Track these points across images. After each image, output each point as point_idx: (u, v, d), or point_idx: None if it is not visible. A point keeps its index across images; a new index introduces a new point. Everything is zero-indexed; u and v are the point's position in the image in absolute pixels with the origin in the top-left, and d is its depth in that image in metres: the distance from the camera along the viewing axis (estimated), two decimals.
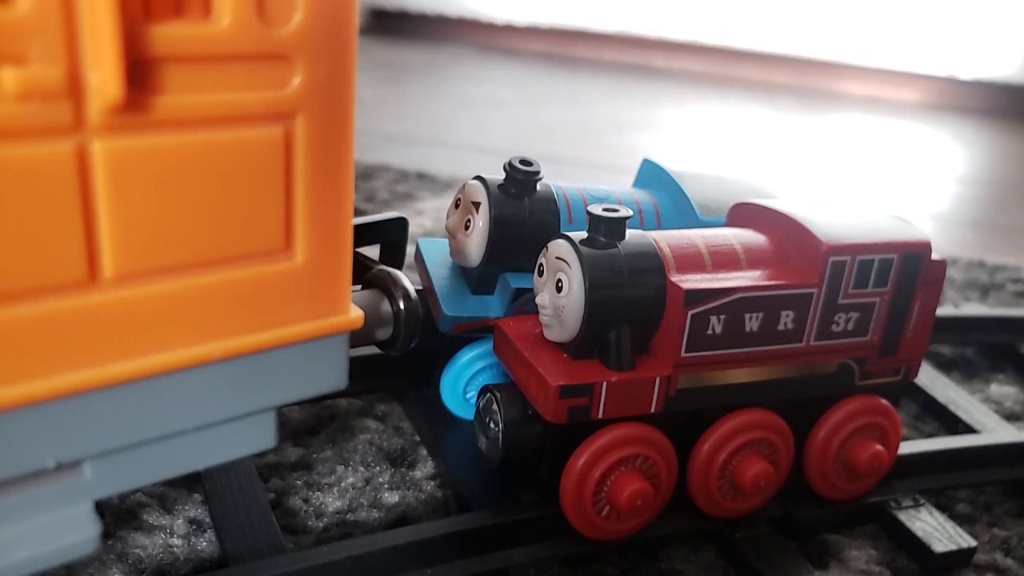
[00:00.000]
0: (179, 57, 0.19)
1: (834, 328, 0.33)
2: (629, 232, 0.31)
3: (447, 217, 0.38)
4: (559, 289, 0.31)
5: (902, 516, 0.36)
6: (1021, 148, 1.26)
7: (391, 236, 0.37)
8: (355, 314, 0.24)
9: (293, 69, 0.21)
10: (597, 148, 1.01)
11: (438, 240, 0.41)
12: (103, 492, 0.22)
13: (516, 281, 0.36)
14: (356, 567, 0.29)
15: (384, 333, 0.27)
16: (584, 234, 0.31)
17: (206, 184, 0.20)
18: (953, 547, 0.34)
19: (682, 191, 0.38)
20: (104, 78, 0.18)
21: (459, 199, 0.37)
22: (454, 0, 1.59)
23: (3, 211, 0.18)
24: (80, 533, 0.21)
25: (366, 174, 0.78)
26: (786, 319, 0.32)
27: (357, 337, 0.25)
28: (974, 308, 0.60)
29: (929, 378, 0.47)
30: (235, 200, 0.21)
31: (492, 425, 0.32)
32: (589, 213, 0.31)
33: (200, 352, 0.22)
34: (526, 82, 1.38)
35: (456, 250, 0.37)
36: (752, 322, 0.31)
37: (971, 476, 0.39)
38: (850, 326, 0.33)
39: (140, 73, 0.19)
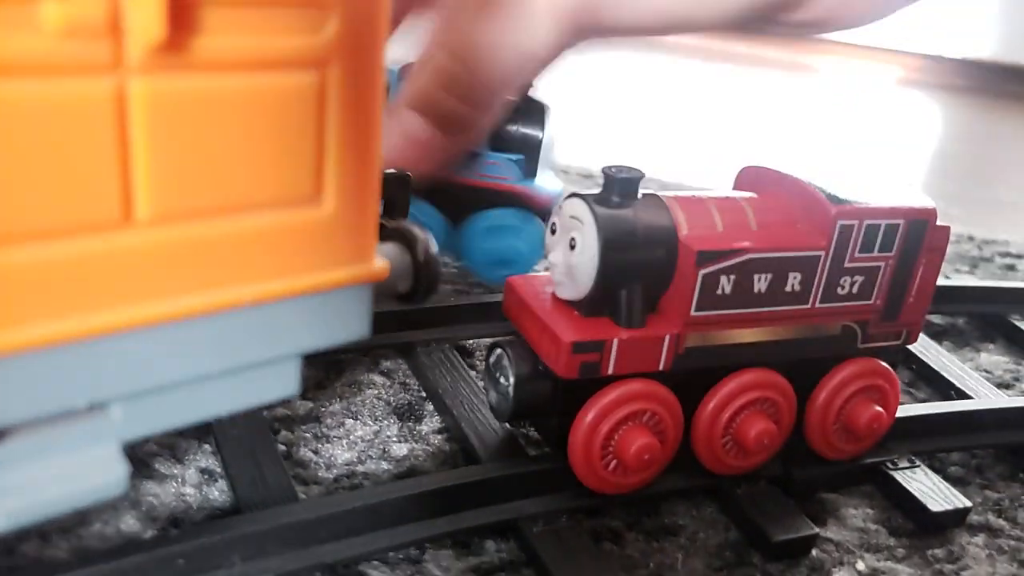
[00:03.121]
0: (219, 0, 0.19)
1: (839, 291, 0.33)
2: (642, 192, 0.32)
3: None
4: (572, 248, 0.31)
5: (898, 476, 0.37)
6: (1002, 125, 1.27)
7: (394, 191, 0.37)
8: (380, 264, 0.24)
9: (328, 16, 0.21)
10: (591, 115, 1.01)
11: None
12: (131, 434, 0.22)
13: None
14: (369, 516, 0.30)
15: (404, 285, 0.27)
16: (597, 192, 0.31)
17: (240, 128, 0.20)
18: (948, 507, 0.35)
19: None
20: (146, 17, 0.18)
21: None
22: None
23: (40, 149, 0.18)
24: (108, 474, 0.22)
25: None
26: (794, 281, 0.32)
27: (380, 288, 0.26)
28: (965, 279, 0.61)
29: (923, 345, 0.48)
30: (268, 146, 0.21)
31: (502, 380, 0.33)
32: (603, 172, 0.31)
33: (229, 296, 0.22)
34: None
35: None
36: (761, 283, 0.32)
37: (964, 440, 0.40)
38: (855, 289, 0.34)
39: (180, 14, 0.18)
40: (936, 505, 0.35)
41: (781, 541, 0.33)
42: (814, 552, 0.33)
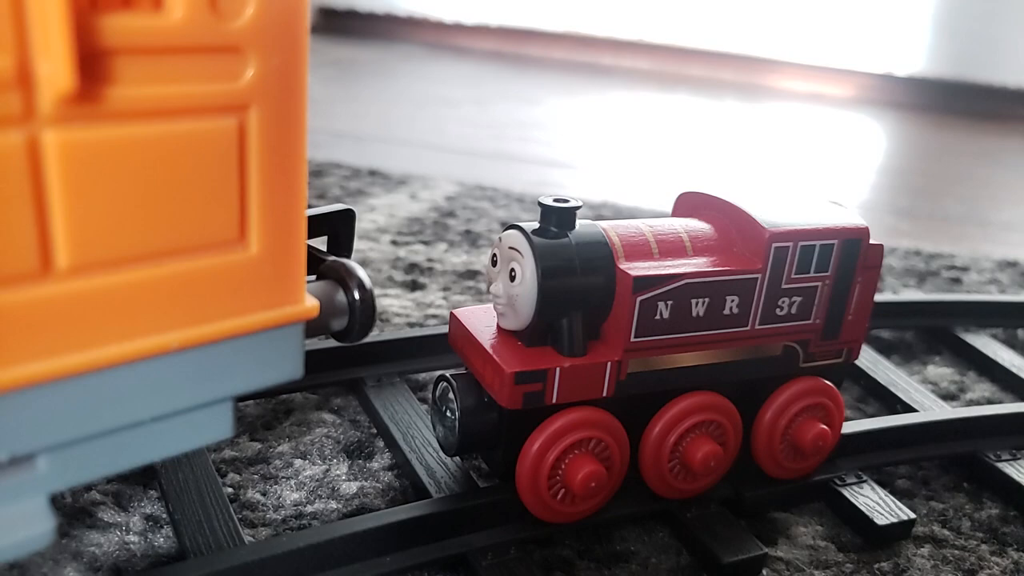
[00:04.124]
0: (131, 49, 0.19)
1: (778, 312, 0.34)
2: (579, 222, 0.32)
3: None
4: (512, 279, 0.31)
5: (846, 492, 0.37)
6: (948, 141, 1.30)
7: (338, 228, 0.37)
8: (310, 304, 0.24)
9: (246, 61, 0.21)
10: (545, 144, 1.02)
11: None
12: (58, 485, 0.22)
13: None
14: (314, 556, 0.29)
15: (339, 323, 0.27)
16: (536, 224, 0.32)
17: (160, 175, 0.20)
18: (894, 519, 0.35)
19: None
20: (55, 69, 0.18)
21: None
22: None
23: None
24: (34, 527, 0.21)
25: (318, 171, 0.78)
26: (731, 304, 0.33)
27: (313, 327, 0.26)
28: (912, 294, 0.63)
29: (871, 361, 0.49)
30: (189, 191, 0.21)
31: (448, 413, 0.33)
32: (540, 204, 0.32)
33: (156, 342, 0.22)
34: (476, 80, 1.39)
35: None
36: (698, 307, 0.32)
37: (910, 453, 0.41)
38: (794, 310, 0.34)
39: (91, 64, 0.19)
40: (882, 519, 0.35)
41: (730, 563, 0.33)
42: (764, 572, 0.34)
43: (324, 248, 0.32)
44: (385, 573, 0.30)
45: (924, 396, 0.45)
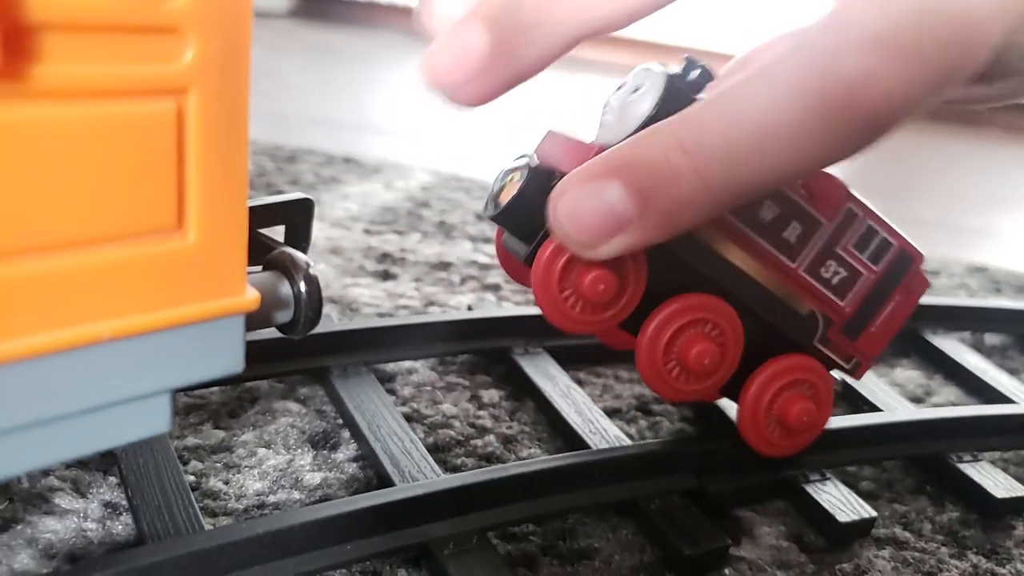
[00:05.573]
0: (60, 25, 0.18)
1: (823, 272, 0.35)
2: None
3: None
4: (635, 91, 0.33)
5: (810, 489, 0.37)
6: (924, 147, 1.31)
7: (295, 217, 0.37)
8: (251, 296, 0.23)
9: (185, 43, 0.20)
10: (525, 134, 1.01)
11: None
12: None
13: None
14: (273, 543, 0.29)
15: (284, 316, 0.26)
16: (676, 70, 0.33)
17: (93, 158, 0.19)
18: (855, 517, 0.36)
19: None
20: None
21: None
22: None
23: None
24: None
25: (291, 157, 0.77)
26: (793, 231, 0.34)
27: (255, 320, 0.25)
28: None
29: None
30: (124, 176, 0.20)
31: (508, 186, 0.34)
32: (687, 59, 0.33)
33: (87, 332, 0.21)
34: None
35: None
36: (768, 210, 0.33)
37: (874, 452, 0.41)
38: (835, 280, 0.35)
39: (17, 40, 0.18)
40: (844, 516, 0.36)
41: (694, 555, 0.33)
42: (727, 571, 0.34)
43: (281, 239, 0.32)
44: (345, 561, 0.30)
45: (890, 397, 0.46)
